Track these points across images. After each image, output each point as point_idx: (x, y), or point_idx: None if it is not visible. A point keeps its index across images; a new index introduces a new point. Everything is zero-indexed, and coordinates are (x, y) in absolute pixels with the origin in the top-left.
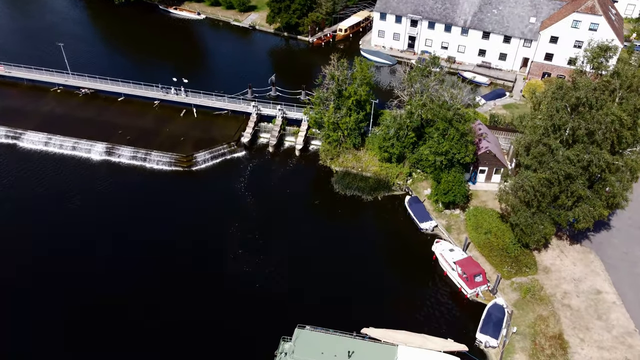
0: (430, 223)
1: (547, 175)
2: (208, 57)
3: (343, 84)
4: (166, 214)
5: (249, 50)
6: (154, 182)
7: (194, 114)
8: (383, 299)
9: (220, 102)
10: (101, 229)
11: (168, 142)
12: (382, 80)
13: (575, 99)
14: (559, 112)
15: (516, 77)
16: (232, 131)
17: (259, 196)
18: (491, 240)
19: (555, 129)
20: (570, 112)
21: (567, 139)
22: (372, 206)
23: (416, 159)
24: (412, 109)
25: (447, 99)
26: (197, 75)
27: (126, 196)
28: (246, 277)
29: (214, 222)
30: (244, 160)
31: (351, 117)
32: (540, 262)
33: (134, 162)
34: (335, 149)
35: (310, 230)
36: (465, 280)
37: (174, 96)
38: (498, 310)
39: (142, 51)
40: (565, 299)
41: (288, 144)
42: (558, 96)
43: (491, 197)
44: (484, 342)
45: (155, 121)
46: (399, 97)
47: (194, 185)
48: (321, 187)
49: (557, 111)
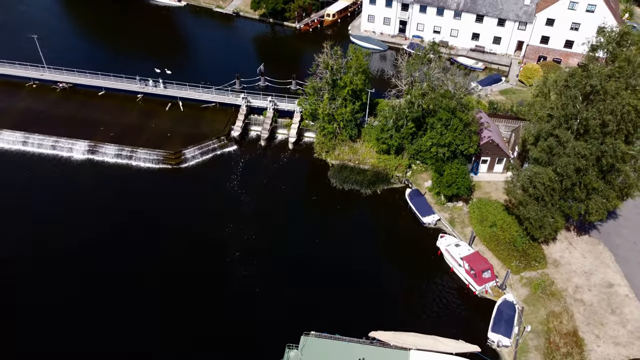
0: (433, 217)
1: (559, 170)
2: (191, 46)
3: (338, 73)
4: (155, 216)
5: (233, 39)
6: (141, 181)
7: (180, 107)
8: (389, 299)
9: (208, 94)
10: (86, 233)
11: (154, 139)
12: (375, 67)
13: (590, 87)
14: (572, 102)
15: (511, 61)
16: (222, 125)
17: (253, 193)
18: (497, 234)
19: (567, 119)
20: (582, 100)
21: (579, 130)
22: (371, 200)
23: (415, 150)
24: (412, 99)
25: (450, 87)
26: (181, 66)
27: (112, 197)
28: (245, 280)
29: (206, 223)
30: (235, 155)
31: (347, 107)
32: (549, 255)
33: (118, 161)
34: (331, 141)
35: (309, 228)
36: (474, 277)
37: (159, 89)
38: (508, 307)
39: (122, 42)
40: (577, 294)
41: (280, 137)
42: (571, 84)
43: (494, 188)
44: (496, 341)
45: (140, 116)
46: (397, 87)
47: (184, 184)
48: (317, 182)
49: (571, 100)
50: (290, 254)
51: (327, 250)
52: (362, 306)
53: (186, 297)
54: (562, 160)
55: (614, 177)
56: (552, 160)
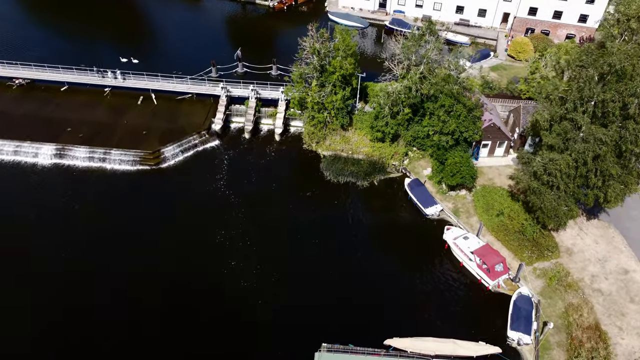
0: (436, 207)
1: (575, 156)
2: (158, 31)
3: (326, 58)
4: (137, 223)
5: (203, 21)
6: (118, 185)
7: (154, 100)
8: (399, 300)
9: (183, 85)
10: (60, 247)
11: (129, 137)
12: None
13: (608, 66)
14: (589, 83)
15: (498, 35)
16: (201, 118)
17: (243, 193)
18: (505, 223)
19: (582, 102)
20: (598, 81)
21: (595, 112)
22: (369, 193)
23: (412, 136)
24: (409, 84)
25: (452, 71)
26: (149, 53)
27: (86, 205)
28: (245, 293)
29: (195, 229)
30: (218, 150)
31: (337, 94)
32: (560, 243)
33: (91, 164)
34: (321, 131)
35: (307, 228)
36: (486, 272)
37: (125, 81)
38: (525, 301)
39: (83, 30)
40: (594, 283)
41: (265, 128)
42: (587, 63)
43: (497, 174)
44: (516, 339)
45: (110, 113)
46: (391, 71)
47: (166, 186)
48: (310, 176)
49: (588, 82)
50: (290, 259)
51: (327, 251)
52: (372, 310)
53: (180, 315)
54: (578, 146)
55: (631, 162)
56: (567, 146)
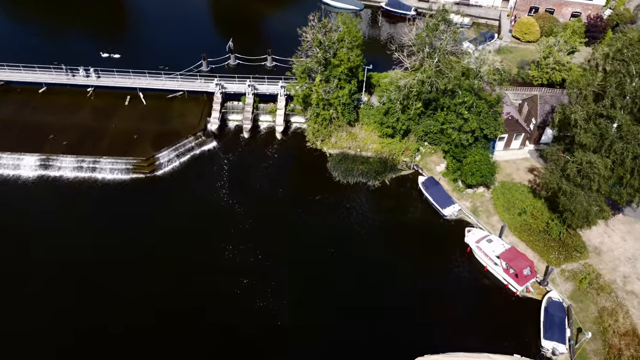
0: (454, 207)
1: (613, 157)
2: (139, 21)
3: (330, 50)
4: (133, 239)
5: (187, 9)
6: (111, 197)
7: (142, 100)
8: (423, 312)
9: (173, 81)
10: (52, 268)
11: (119, 143)
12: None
13: None
14: (631, 78)
15: (500, 14)
16: (195, 118)
17: (247, 201)
18: (529, 222)
19: (622, 98)
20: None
21: (633, 110)
22: (381, 194)
23: (424, 131)
24: (423, 78)
25: (472, 64)
26: (132, 47)
27: (77, 219)
28: (263, 315)
29: (199, 244)
30: (216, 153)
31: (344, 89)
32: (588, 242)
33: (80, 175)
34: (326, 128)
35: (320, 237)
36: (514, 277)
37: (111, 79)
38: (557, 307)
39: (58, 24)
40: (627, 285)
41: (265, 125)
42: (628, 57)
43: (515, 169)
44: (550, 349)
45: (95, 116)
46: (401, 63)
47: (163, 196)
48: (317, 177)
49: (630, 77)
50: (306, 274)
51: (344, 262)
52: (395, 324)
53: (189, 341)
54: (617, 147)
55: None
56: (602, 144)
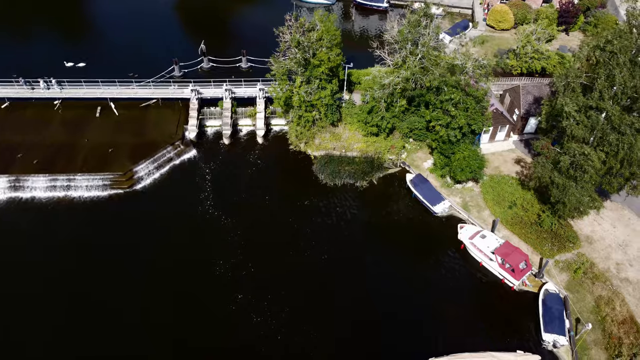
0: (444, 204)
1: (607, 149)
2: (100, 28)
3: (310, 50)
4: (117, 259)
5: (149, 12)
6: (90, 215)
7: (114, 110)
8: (424, 314)
9: (145, 89)
10: (29, 296)
11: (93, 158)
12: None
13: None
14: (620, 70)
15: (473, 3)
16: (172, 126)
17: (234, 210)
18: (520, 215)
19: (613, 90)
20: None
21: (621, 100)
22: (370, 194)
23: (409, 127)
24: (408, 76)
25: (458, 60)
26: (97, 55)
27: (55, 242)
28: (261, 332)
29: (186, 259)
30: (197, 161)
31: (326, 89)
32: (579, 231)
33: (54, 194)
34: (310, 130)
35: (311, 243)
36: (510, 272)
37: (79, 90)
38: (554, 299)
39: (15, 31)
40: (621, 272)
41: (245, 130)
42: (617, 49)
43: (502, 161)
44: (551, 342)
45: (65, 130)
46: (383, 60)
47: (145, 211)
48: (304, 181)
49: (620, 68)
50: (301, 282)
51: (339, 268)
52: (396, 328)
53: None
54: (611, 138)
55: None
56: (594, 136)
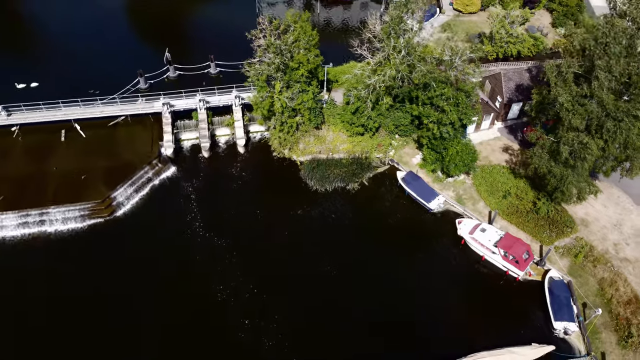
0: (438, 200)
1: (606, 137)
2: (50, 43)
3: (287, 53)
4: (105, 293)
5: (101, 22)
6: (69, 250)
7: (81, 132)
8: (433, 315)
9: (111, 106)
10: (12, 339)
11: (66, 188)
12: None
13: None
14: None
15: None
16: (146, 144)
17: (224, 229)
18: (515, 204)
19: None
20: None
21: (613, 88)
22: (362, 196)
23: (394, 124)
24: (394, 74)
25: (446, 55)
26: (49, 73)
27: (34, 283)
28: (276, 354)
29: (183, 288)
30: (177, 179)
31: (308, 93)
32: (574, 215)
33: (27, 231)
34: (293, 135)
35: (312, 255)
36: (515, 263)
37: (39, 114)
38: (559, 287)
39: None
40: (619, 252)
41: (224, 140)
42: (611, 39)
43: (490, 150)
44: (562, 330)
45: (29, 159)
46: (361, 57)
47: (129, 239)
48: (293, 190)
49: (616, 58)
50: (308, 297)
51: (343, 276)
52: (408, 332)
53: None
54: (609, 125)
55: None
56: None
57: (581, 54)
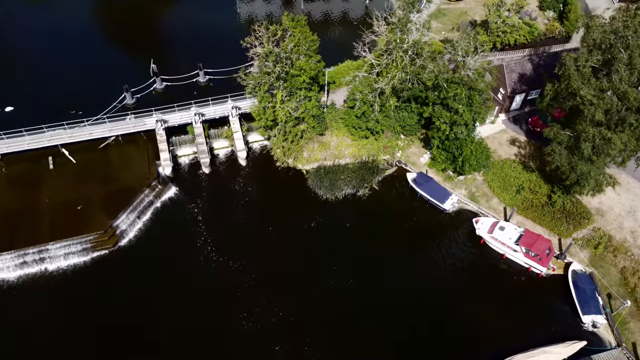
0: (452, 199)
1: (628, 132)
2: (11, 57)
3: (288, 61)
4: (117, 332)
5: (60, 24)
6: (73, 288)
7: (70, 158)
8: (462, 319)
9: (100, 127)
10: None
11: (62, 220)
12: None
13: None
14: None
15: None
16: (142, 164)
17: (237, 250)
18: (529, 198)
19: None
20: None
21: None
22: (374, 202)
23: (400, 125)
24: (404, 77)
25: (459, 56)
26: (24, 95)
27: (41, 326)
28: None
29: (205, 318)
30: (180, 200)
31: (311, 100)
32: (588, 204)
33: (28, 272)
34: (297, 145)
35: (333, 269)
36: (538, 260)
37: (12, 142)
38: (583, 280)
39: None
40: (637, 240)
41: (223, 153)
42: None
43: (497, 144)
44: (591, 323)
45: (17, 192)
46: (370, 61)
47: (137, 270)
48: (303, 201)
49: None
50: (338, 315)
51: (368, 288)
52: (439, 340)
53: None
54: (632, 119)
55: None
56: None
57: (599, 47)
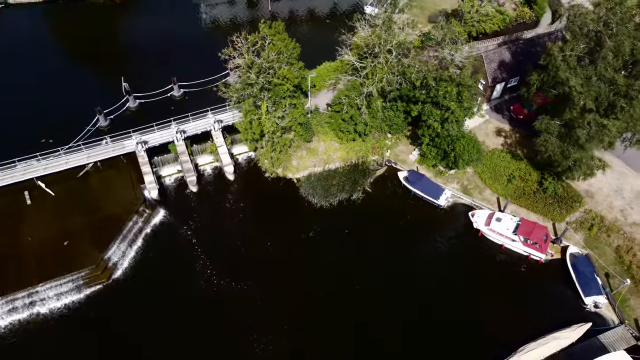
0: (445, 194)
1: (621, 117)
2: None
3: (270, 70)
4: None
5: (14, 45)
6: (70, 330)
7: (48, 190)
8: (470, 312)
9: (75, 154)
10: None
11: (49, 258)
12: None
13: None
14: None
15: None
16: (126, 190)
17: (239, 271)
18: (521, 187)
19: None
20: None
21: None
22: (369, 205)
23: (387, 125)
24: (392, 79)
25: (446, 54)
26: None
27: None
28: None
29: (215, 348)
30: (170, 223)
31: (297, 108)
32: (577, 187)
33: (21, 317)
34: (286, 154)
35: (337, 279)
36: (536, 248)
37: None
38: (582, 262)
39: None
40: (628, 218)
41: (209, 169)
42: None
43: (484, 134)
44: (593, 304)
45: None
46: (353, 65)
47: (136, 303)
48: (298, 211)
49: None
50: (352, 324)
51: (375, 293)
52: (453, 335)
53: None
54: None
55: None
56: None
57: (586, 35)
